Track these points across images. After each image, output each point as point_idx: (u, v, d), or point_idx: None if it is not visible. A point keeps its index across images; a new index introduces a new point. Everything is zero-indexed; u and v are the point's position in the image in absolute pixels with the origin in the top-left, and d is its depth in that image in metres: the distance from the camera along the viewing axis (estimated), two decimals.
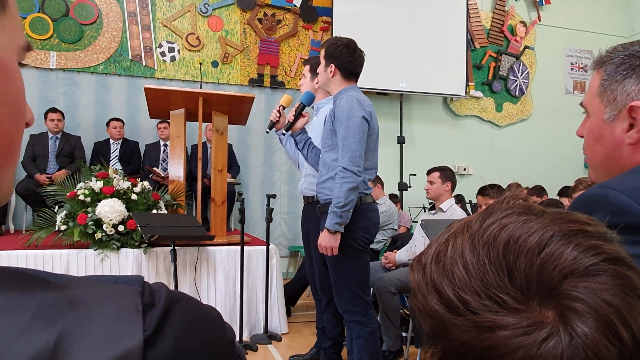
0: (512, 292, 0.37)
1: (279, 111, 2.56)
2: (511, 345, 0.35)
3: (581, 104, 0.90)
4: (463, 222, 0.43)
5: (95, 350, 0.28)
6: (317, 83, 2.63)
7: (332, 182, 2.31)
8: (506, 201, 0.43)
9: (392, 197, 5.55)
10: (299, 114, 2.48)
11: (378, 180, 4.61)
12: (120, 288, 0.33)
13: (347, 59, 2.38)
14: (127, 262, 3.24)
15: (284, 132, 2.54)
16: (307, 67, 2.85)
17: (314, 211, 2.58)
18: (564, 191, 4.51)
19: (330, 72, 2.40)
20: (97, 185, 3.32)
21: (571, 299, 0.35)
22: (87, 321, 0.30)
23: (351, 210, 2.24)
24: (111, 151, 5.16)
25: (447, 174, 3.29)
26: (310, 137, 2.60)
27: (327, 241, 2.26)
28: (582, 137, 0.92)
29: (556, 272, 0.36)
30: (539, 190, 4.85)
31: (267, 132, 2.68)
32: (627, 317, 0.35)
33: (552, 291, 0.36)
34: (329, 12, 5.96)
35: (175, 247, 3.07)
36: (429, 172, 3.36)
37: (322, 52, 2.44)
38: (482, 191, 3.85)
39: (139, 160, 5.29)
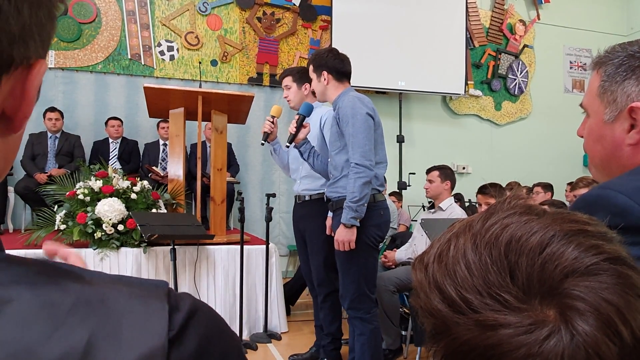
0: (513, 291, 0.37)
1: (272, 122, 2.66)
2: (513, 344, 0.36)
3: (581, 105, 0.91)
4: (465, 222, 0.44)
5: (124, 348, 0.30)
6: (305, 91, 2.81)
7: (344, 180, 2.38)
8: (508, 201, 0.43)
9: (396, 195, 5.56)
10: (299, 126, 2.52)
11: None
12: (149, 288, 0.35)
13: (334, 61, 2.49)
14: (126, 261, 3.24)
15: (288, 144, 2.59)
16: (289, 78, 2.92)
17: (309, 210, 2.66)
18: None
19: (324, 79, 2.50)
20: (96, 184, 3.32)
21: (572, 297, 0.36)
22: (117, 319, 0.32)
23: (365, 205, 2.31)
24: (110, 150, 5.16)
25: (447, 173, 3.29)
26: (313, 146, 2.65)
27: (344, 235, 2.31)
28: (582, 137, 0.92)
29: (557, 271, 0.37)
30: (544, 186, 4.96)
31: (262, 144, 2.75)
32: (627, 316, 0.35)
33: (554, 290, 0.37)
34: (328, 10, 5.95)
35: (175, 246, 3.07)
36: (428, 171, 3.36)
37: (311, 67, 2.56)
38: (482, 190, 3.86)
39: (138, 160, 5.29)
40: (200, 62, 5.48)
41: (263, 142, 2.71)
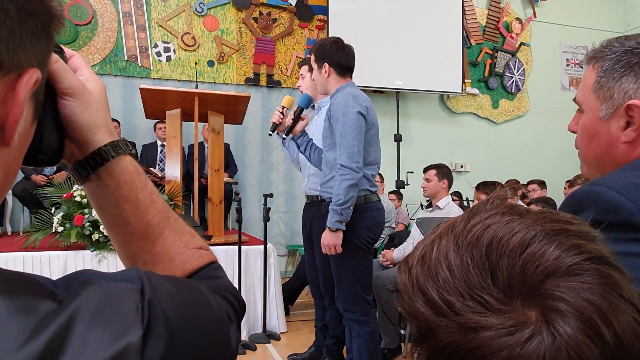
0: (495, 292, 0.37)
1: (281, 112, 2.53)
2: (495, 346, 0.35)
3: (574, 100, 0.89)
4: (449, 222, 0.44)
5: (94, 348, 0.31)
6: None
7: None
8: (490, 202, 0.43)
9: (396, 194, 5.57)
10: (297, 118, 2.46)
11: (379, 177, 4.62)
12: (121, 287, 0.35)
13: (338, 54, 2.39)
14: None
15: (284, 136, 2.52)
16: (305, 68, 2.82)
17: (318, 210, 2.55)
18: None
19: (325, 71, 2.39)
20: None
21: (554, 298, 0.36)
22: (88, 322, 0.32)
23: (352, 208, 2.22)
24: None
25: (444, 172, 3.29)
26: (311, 139, 2.58)
27: (329, 240, 2.23)
28: (574, 132, 0.91)
29: (538, 271, 0.37)
30: (540, 183, 5.03)
31: (270, 135, 2.64)
32: (610, 317, 0.35)
33: (535, 291, 0.36)
34: (324, 10, 5.95)
35: None
36: (425, 170, 3.36)
37: (312, 57, 2.46)
38: (480, 188, 3.86)
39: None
40: (196, 63, 5.47)
41: (271, 132, 2.57)
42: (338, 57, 2.39)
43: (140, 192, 0.51)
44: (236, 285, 3.39)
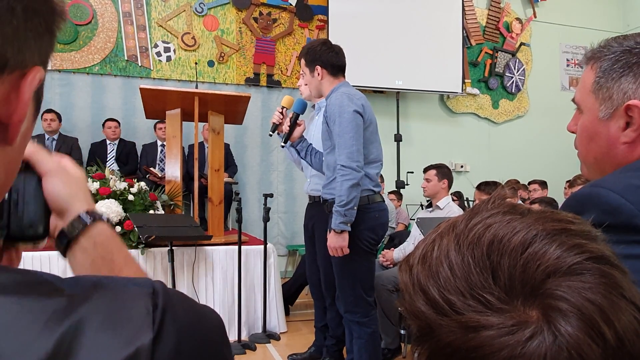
0: (496, 292, 0.37)
1: (281, 113, 2.48)
2: (495, 345, 0.35)
3: (573, 100, 0.88)
4: (450, 222, 0.43)
5: (105, 351, 0.30)
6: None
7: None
8: (492, 201, 0.43)
9: (396, 194, 5.57)
10: (294, 124, 2.43)
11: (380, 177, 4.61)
12: (132, 290, 0.35)
13: (329, 55, 2.37)
14: None
15: (283, 144, 2.49)
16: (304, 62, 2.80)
17: (320, 211, 2.52)
18: None
19: (318, 74, 2.38)
20: (93, 186, 3.31)
21: (555, 298, 0.36)
22: (99, 324, 0.31)
23: (355, 208, 2.19)
24: (108, 152, 5.15)
25: (444, 172, 3.29)
26: (311, 144, 2.55)
27: (335, 242, 2.21)
28: (573, 132, 0.91)
29: (539, 271, 0.37)
30: (541, 183, 5.07)
31: (270, 135, 2.60)
32: (611, 316, 0.35)
33: (536, 290, 0.36)
34: (324, 10, 5.95)
35: (173, 248, 3.06)
36: (425, 170, 3.36)
37: (303, 62, 2.43)
38: (481, 188, 3.85)
39: (136, 161, 5.28)
40: (196, 63, 5.47)
41: (271, 133, 2.53)
42: (329, 58, 2.36)
43: (116, 254, 0.54)
44: (236, 285, 3.40)
